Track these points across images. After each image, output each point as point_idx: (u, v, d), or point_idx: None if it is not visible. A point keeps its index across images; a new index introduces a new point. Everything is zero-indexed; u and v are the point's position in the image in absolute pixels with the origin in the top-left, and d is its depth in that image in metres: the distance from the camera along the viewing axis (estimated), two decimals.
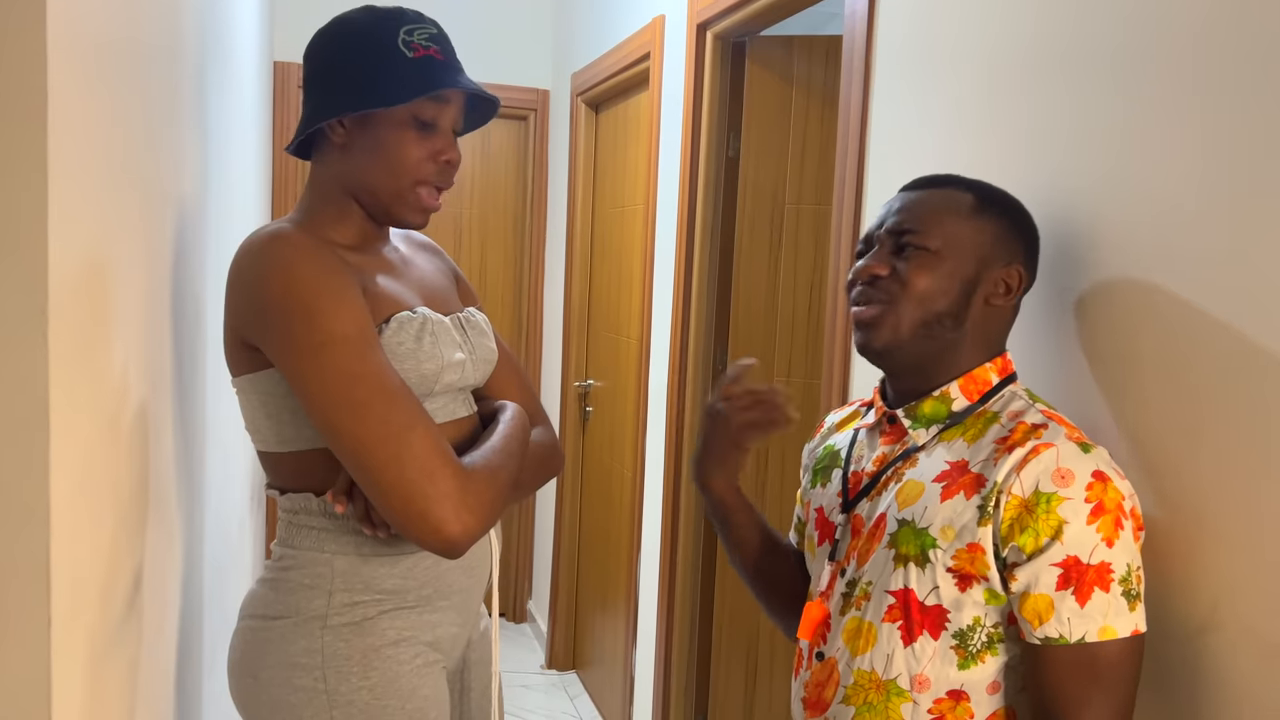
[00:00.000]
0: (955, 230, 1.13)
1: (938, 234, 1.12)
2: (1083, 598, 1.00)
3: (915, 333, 1.13)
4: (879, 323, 1.13)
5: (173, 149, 1.32)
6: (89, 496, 0.86)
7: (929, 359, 1.15)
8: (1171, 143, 1.10)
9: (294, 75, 3.80)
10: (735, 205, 2.63)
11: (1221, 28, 1.04)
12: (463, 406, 1.36)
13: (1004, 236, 1.14)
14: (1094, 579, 1.00)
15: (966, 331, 1.13)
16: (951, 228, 1.13)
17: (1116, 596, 1.00)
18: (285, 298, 1.15)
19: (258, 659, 1.26)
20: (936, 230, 1.12)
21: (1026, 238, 1.17)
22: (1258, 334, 0.99)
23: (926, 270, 1.12)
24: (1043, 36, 1.31)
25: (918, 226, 1.13)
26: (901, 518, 1.11)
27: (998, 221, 1.14)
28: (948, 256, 1.12)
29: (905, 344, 1.13)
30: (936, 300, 1.12)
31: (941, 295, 1.12)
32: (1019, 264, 1.15)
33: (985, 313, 1.14)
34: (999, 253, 1.13)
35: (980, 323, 1.14)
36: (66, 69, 0.74)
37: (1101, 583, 1.00)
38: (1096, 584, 1.00)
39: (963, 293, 1.12)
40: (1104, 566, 1.00)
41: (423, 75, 1.24)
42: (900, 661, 1.09)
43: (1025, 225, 1.17)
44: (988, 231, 1.13)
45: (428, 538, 1.14)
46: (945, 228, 1.12)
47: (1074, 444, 1.04)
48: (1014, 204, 1.18)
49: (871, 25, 1.76)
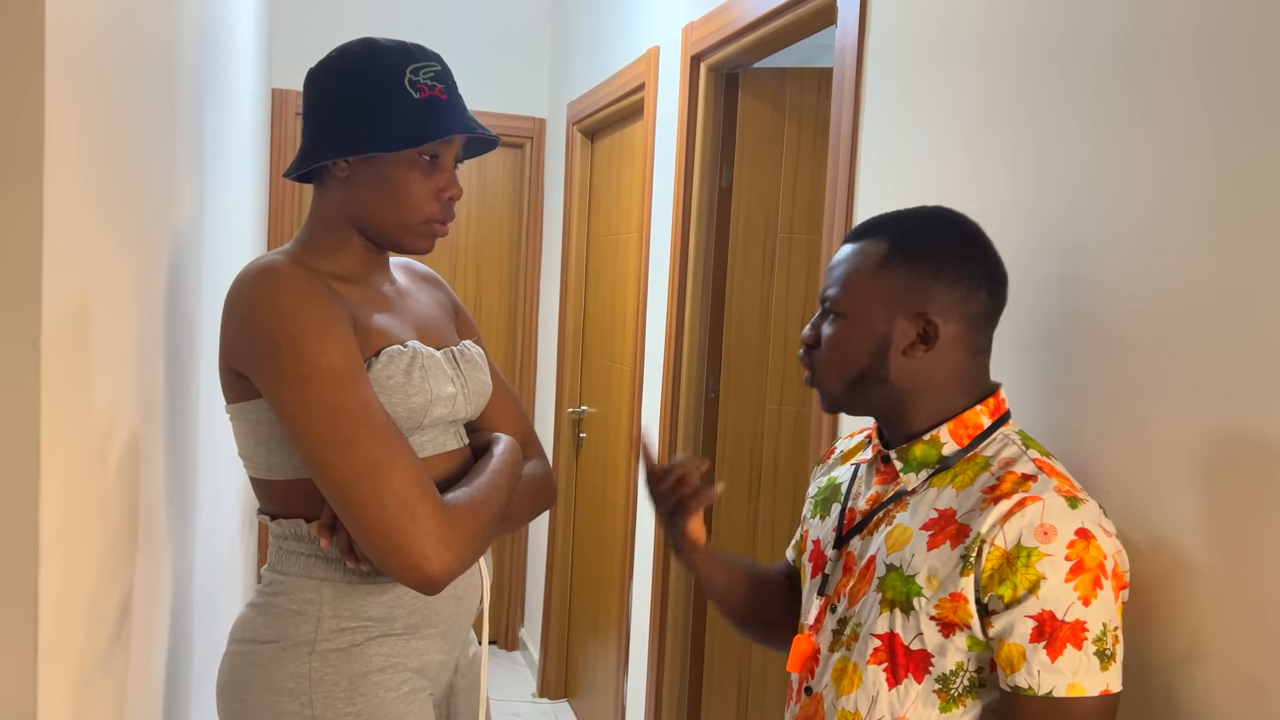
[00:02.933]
0: (861, 289, 1.14)
1: (847, 297, 1.15)
2: (1054, 653, 1.00)
3: (847, 393, 1.17)
4: (816, 386, 1.19)
5: (168, 176, 1.34)
6: (78, 523, 0.87)
7: (887, 407, 1.16)
8: (1151, 171, 1.12)
9: (292, 102, 3.83)
10: (728, 234, 2.65)
11: (1220, 47, 1.06)
12: (453, 439, 1.36)
13: (914, 285, 1.11)
14: (1067, 635, 1.00)
15: (896, 384, 1.13)
16: (858, 287, 1.14)
17: (1089, 655, 1.00)
18: (273, 330, 1.16)
19: (245, 683, 1.27)
20: (846, 293, 1.15)
21: (949, 279, 1.11)
22: (1244, 363, 1.00)
23: (837, 336, 1.16)
24: (1030, 65, 1.33)
25: (834, 291, 1.17)
26: (890, 562, 1.12)
27: (907, 269, 1.12)
28: (856, 318, 1.14)
29: (846, 403, 1.18)
30: (851, 365, 1.15)
31: (855, 359, 1.14)
32: (932, 312, 1.11)
33: (910, 364, 1.13)
34: (907, 302, 1.12)
35: (913, 373, 1.13)
36: (64, 95, 0.75)
37: (1074, 640, 1.00)
38: (1069, 641, 1.00)
39: (876, 352, 1.13)
40: (1078, 624, 1.00)
41: (429, 119, 1.25)
42: (884, 704, 1.10)
43: (948, 266, 1.12)
44: (895, 283, 1.12)
45: (406, 574, 1.14)
46: (852, 288, 1.15)
47: (1062, 498, 1.03)
48: (937, 243, 1.13)
49: (861, 58, 1.78)
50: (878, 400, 1.16)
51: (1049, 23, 1.29)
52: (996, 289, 1.15)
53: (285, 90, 3.81)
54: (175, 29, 1.34)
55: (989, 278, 1.14)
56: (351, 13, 3.90)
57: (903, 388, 1.14)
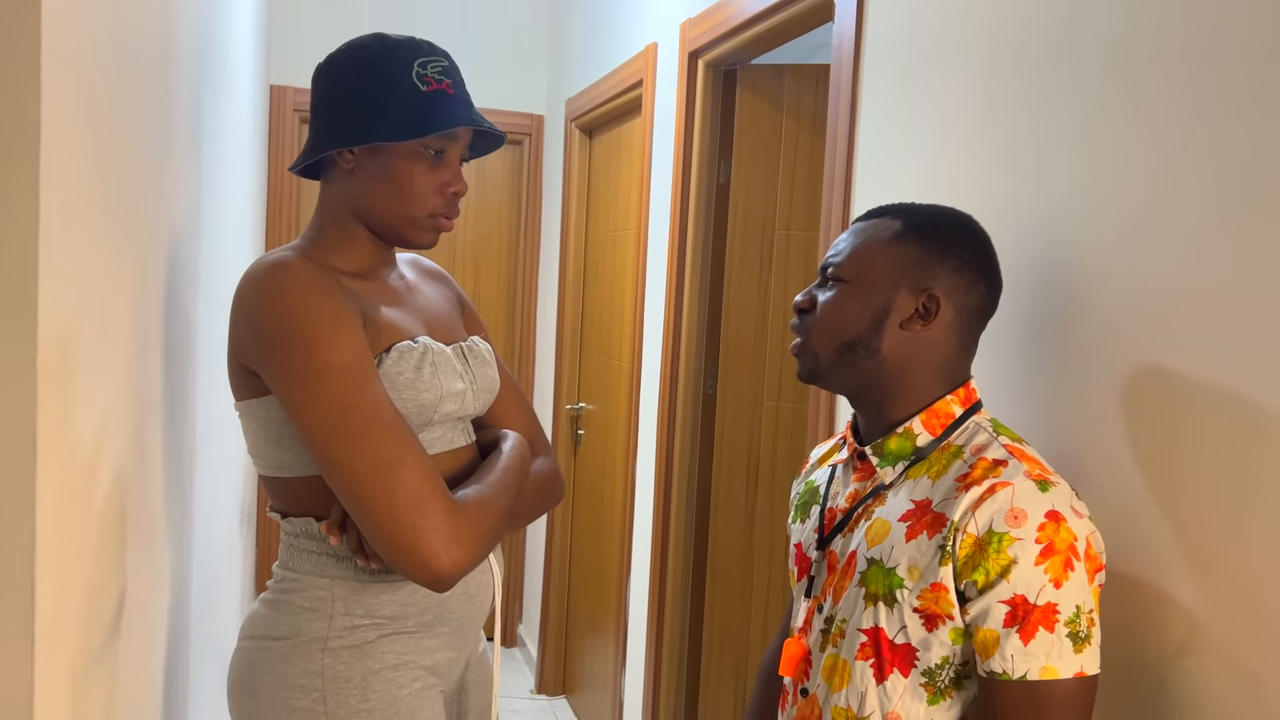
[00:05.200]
0: (870, 257, 1.15)
1: (853, 263, 1.15)
2: (1026, 636, 1.00)
3: (832, 361, 1.16)
4: (802, 353, 1.19)
5: (166, 174, 1.34)
6: (75, 519, 0.87)
7: (868, 386, 1.16)
8: (1144, 169, 1.12)
9: (290, 99, 3.83)
10: (726, 230, 2.65)
11: (1215, 51, 1.06)
12: (461, 436, 1.37)
13: (922, 261, 1.13)
14: (1039, 618, 1.00)
15: (886, 358, 1.14)
16: (867, 255, 1.15)
17: (1061, 638, 1.00)
18: (283, 326, 1.17)
19: (257, 679, 1.27)
20: (853, 259, 1.16)
21: (956, 262, 1.14)
22: (1236, 363, 1.01)
23: (836, 300, 1.16)
24: (1027, 63, 1.33)
25: (839, 259, 1.17)
26: (871, 556, 1.12)
27: (919, 246, 1.14)
28: (860, 284, 1.14)
29: (827, 372, 1.17)
30: (845, 329, 1.15)
31: (850, 324, 1.14)
32: (937, 289, 1.13)
33: (905, 339, 1.14)
34: (913, 277, 1.13)
35: (905, 349, 1.14)
36: (60, 92, 0.76)
37: (1046, 623, 1.00)
38: (1041, 623, 1.00)
39: (874, 320, 1.14)
40: (1050, 607, 1.00)
41: (435, 111, 1.26)
42: (873, 699, 1.10)
43: (956, 250, 1.14)
44: (905, 256, 1.14)
45: (416, 570, 1.15)
46: (861, 256, 1.15)
47: (1032, 482, 1.04)
48: (949, 229, 1.15)
49: (858, 55, 1.78)
50: (862, 374, 1.15)
51: (1045, 20, 1.29)
52: (994, 289, 1.17)
53: (283, 87, 3.81)
54: (172, 24, 1.34)
55: (990, 275, 1.16)
56: (350, 8, 3.90)
57: (891, 364, 1.14)
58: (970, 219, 1.18)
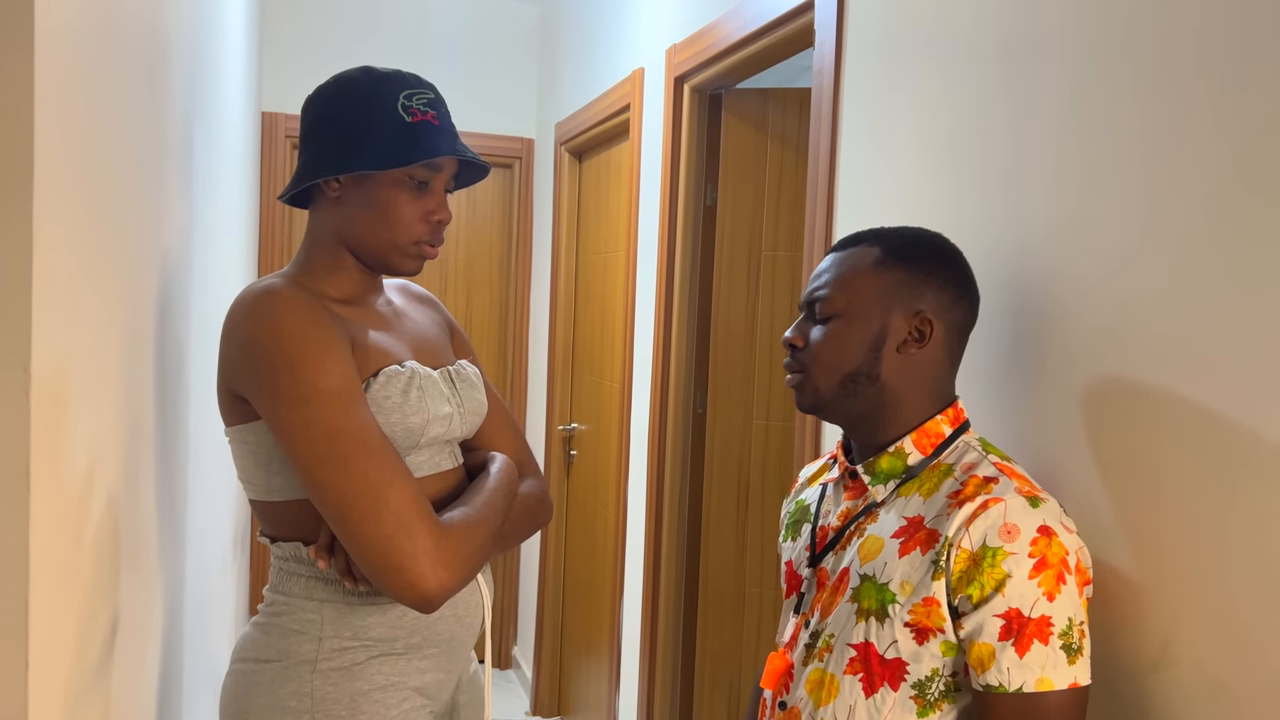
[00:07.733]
0: (858, 286, 1.17)
1: (842, 296, 1.17)
2: (1022, 649, 1.03)
3: (835, 394, 1.18)
4: (801, 389, 1.20)
5: (158, 201, 1.36)
6: (69, 548, 0.88)
7: (868, 413, 1.18)
8: (1120, 190, 1.15)
9: (282, 125, 3.86)
10: (713, 252, 2.68)
11: (1191, 68, 1.09)
12: (448, 459, 1.38)
13: (909, 284, 1.16)
14: (1034, 631, 1.02)
15: (886, 383, 1.16)
16: (854, 284, 1.17)
17: (1055, 650, 1.02)
18: (272, 352, 1.18)
19: (248, 701, 1.28)
20: (841, 292, 1.17)
21: (939, 281, 1.17)
22: (1208, 381, 1.03)
23: (833, 336, 1.17)
24: (1001, 90, 1.36)
25: (826, 292, 1.19)
26: (864, 573, 1.14)
27: (903, 269, 1.16)
28: (853, 316, 1.16)
29: (830, 404, 1.19)
30: (845, 362, 1.16)
31: (850, 356, 1.16)
32: (927, 310, 1.16)
33: (902, 362, 1.16)
34: (903, 300, 1.16)
35: (902, 372, 1.16)
36: (52, 118, 0.77)
37: (1041, 635, 1.02)
38: (1036, 636, 1.02)
39: (872, 348, 1.16)
40: (1044, 620, 1.02)
41: (419, 141, 1.28)
42: (862, 712, 1.12)
43: (938, 270, 1.17)
44: (891, 281, 1.16)
45: (402, 592, 1.16)
46: (849, 287, 1.17)
47: (1023, 498, 1.06)
48: (926, 250, 1.18)
49: (838, 81, 1.81)
50: (863, 402, 1.18)
51: (1017, 44, 1.32)
52: (974, 303, 1.20)
53: (275, 113, 3.84)
54: (164, 50, 1.36)
55: (969, 289, 1.19)
56: (341, 36, 3.93)
57: (891, 388, 1.16)
58: (941, 237, 1.21)
